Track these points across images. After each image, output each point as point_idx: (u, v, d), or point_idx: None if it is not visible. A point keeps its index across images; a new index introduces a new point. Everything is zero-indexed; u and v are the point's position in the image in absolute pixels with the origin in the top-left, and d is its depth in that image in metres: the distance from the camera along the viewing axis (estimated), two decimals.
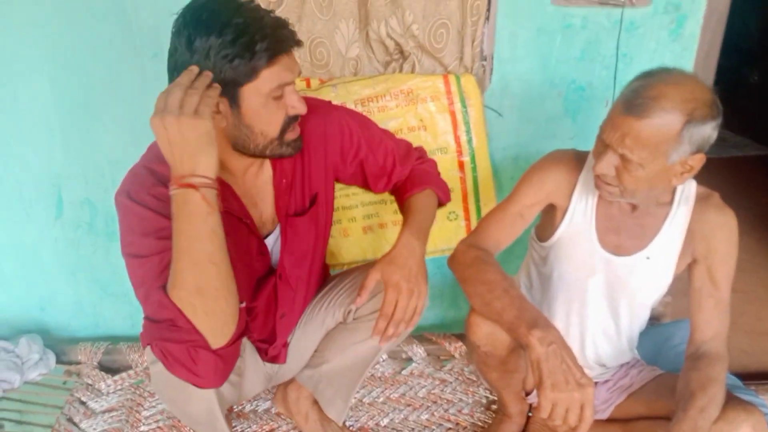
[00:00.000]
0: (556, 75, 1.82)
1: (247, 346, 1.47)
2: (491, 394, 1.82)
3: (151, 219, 1.15)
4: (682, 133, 1.13)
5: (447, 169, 1.82)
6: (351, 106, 1.73)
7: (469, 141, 1.81)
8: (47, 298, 1.95)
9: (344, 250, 1.86)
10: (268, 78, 1.11)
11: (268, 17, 1.12)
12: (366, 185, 1.51)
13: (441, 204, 1.53)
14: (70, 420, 1.66)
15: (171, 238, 1.14)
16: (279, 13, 1.65)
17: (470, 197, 1.86)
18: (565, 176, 1.40)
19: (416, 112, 1.77)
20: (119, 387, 1.79)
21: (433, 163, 1.54)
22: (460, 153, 1.81)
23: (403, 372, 1.91)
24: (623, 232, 1.37)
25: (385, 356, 1.94)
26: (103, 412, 1.72)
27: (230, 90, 1.11)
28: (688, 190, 1.35)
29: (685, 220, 1.34)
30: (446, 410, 1.77)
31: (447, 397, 1.82)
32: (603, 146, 1.22)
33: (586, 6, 1.74)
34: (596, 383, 1.57)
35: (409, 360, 1.95)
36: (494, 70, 1.81)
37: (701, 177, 1.32)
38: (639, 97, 1.14)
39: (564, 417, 1.10)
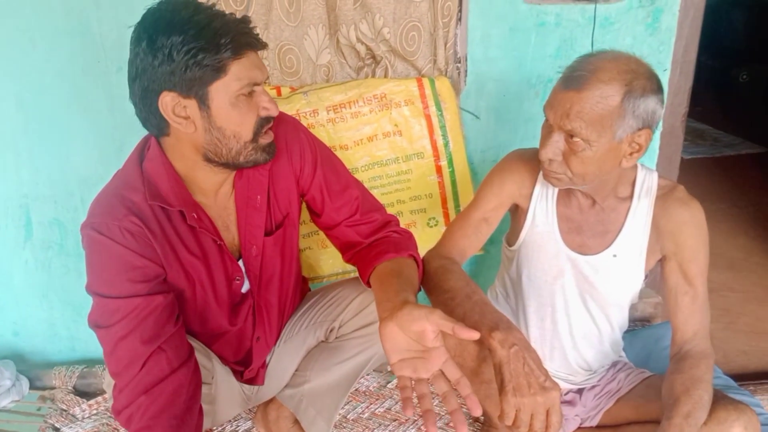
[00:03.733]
0: (533, 74, 1.79)
1: (219, 371, 1.42)
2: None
3: (122, 256, 1.12)
4: (624, 104, 1.12)
5: (424, 174, 1.78)
6: (323, 113, 1.69)
7: (446, 145, 1.77)
8: (20, 323, 1.90)
9: (323, 262, 1.81)
10: (237, 73, 1.08)
11: (228, 15, 1.10)
12: (321, 223, 1.40)
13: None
14: None
15: (146, 282, 1.12)
16: None
17: (449, 202, 1.81)
18: (524, 176, 1.38)
19: (391, 117, 1.73)
20: (94, 411, 1.73)
21: (412, 235, 1.38)
22: (437, 157, 1.77)
23: (389, 385, 1.84)
24: (586, 231, 1.35)
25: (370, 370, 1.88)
26: None
27: (198, 90, 1.07)
28: (649, 182, 1.32)
29: (648, 213, 1.31)
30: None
31: (437, 411, 1.75)
32: (547, 129, 1.21)
33: (559, 3, 1.71)
34: (583, 389, 1.52)
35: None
36: (469, 71, 1.77)
37: (696, 176, 1.29)
38: (576, 71, 1.15)
39: (529, 424, 1.03)
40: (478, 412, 0.98)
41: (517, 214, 1.44)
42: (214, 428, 1.69)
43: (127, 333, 1.07)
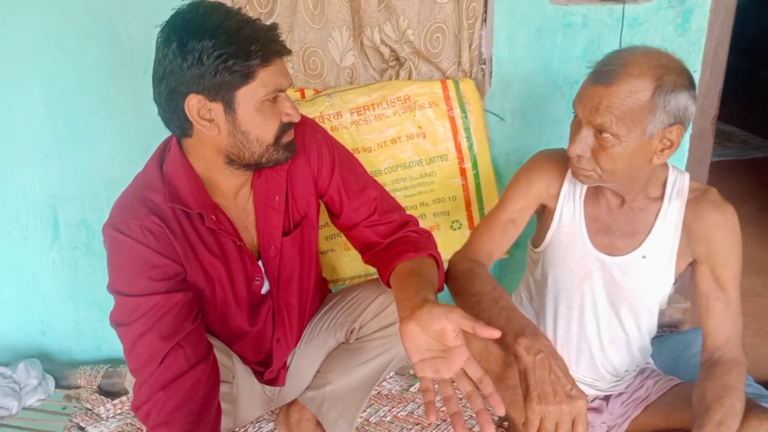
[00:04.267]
0: (559, 75, 1.76)
1: (240, 370, 1.42)
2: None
3: (142, 255, 1.13)
4: (654, 99, 1.10)
5: (448, 176, 1.77)
6: (346, 115, 1.68)
7: (470, 147, 1.75)
8: (47, 322, 1.92)
9: (345, 264, 1.80)
10: (264, 80, 1.09)
11: (258, 21, 1.11)
12: (340, 224, 1.40)
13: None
14: None
15: (166, 280, 1.13)
16: (270, 22, 1.65)
17: (473, 205, 1.79)
18: (551, 176, 1.36)
19: (414, 119, 1.72)
20: (119, 411, 1.74)
21: (430, 235, 1.37)
22: (461, 160, 1.76)
23: (411, 389, 1.83)
24: (614, 231, 1.32)
25: (392, 373, 1.87)
26: None
27: (225, 94, 1.08)
28: (681, 183, 1.29)
29: (679, 215, 1.28)
30: None
31: (448, 417, 1.74)
32: (576, 125, 1.19)
33: (586, 3, 1.69)
34: (610, 396, 1.49)
35: (416, 376, 1.87)
36: (494, 73, 1.75)
37: (723, 179, 1.26)
38: (606, 65, 1.13)
39: None
40: (501, 411, 0.96)
41: (543, 215, 1.43)
42: (237, 429, 1.70)
43: (146, 330, 1.08)
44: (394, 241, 1.32)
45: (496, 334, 0.97)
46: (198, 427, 1.05)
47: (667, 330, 1.89)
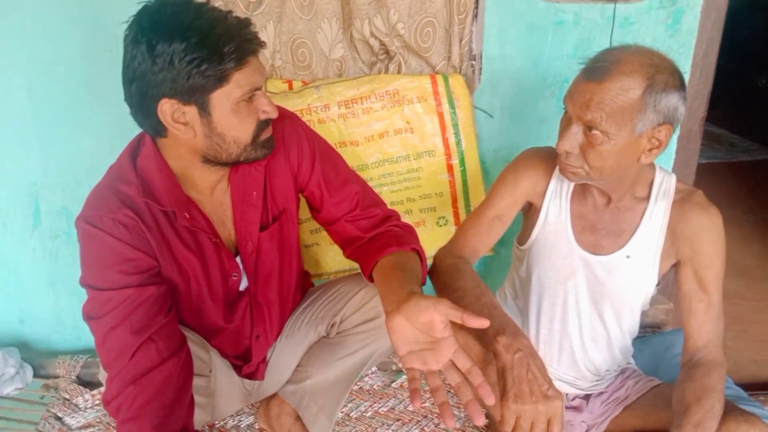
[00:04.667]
0: (549, 73, 1.76)
1: (218, 364, 1.41)
2: (483, 407, 1.74)
3: (115, 248, 1.11)
4: (645, 98, 1.10)
5: (435, 172, 1.76)
6: (334, 108, 1.67)
7: (458, 143, 1.74)
8: (26, 311, 1.90)
9: (330, 258, 1.79)
10: (239, 81, 1.06)
11: (230, 17, 1.06)
12: (321, 219, 1.39)
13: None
14: None
15: (138, 274, 1.11)
16: (259, 13, 1.64)
17: (460, 201, 1.79)
18: (538, 173, 1.37)
19: (403, 114, 1.70)
20: (97, 402, 1.72)
21: (412, 229, 1.36)
22: (448, 156, 1.75)
23: (393, 384, 1.83)
24: (600, 230, 1.32)
25: (374, 368, 1.86)
26: (80, 428, 1.65)
27: (199, 98, 1.05)
28: (667, 184, 1.30)
29: (664, 216, 1.29)
30: (437, 425, 1.68)
31: (436, 410, 1.73)
32: (566, 121, 1.19)
33: (578, 2, 1.68)
34: (590, 395, 1.49)
35: (399, 372, 1.87)
36: (483, 69, 1.74)
37: (711, 181, 1.27)
38: (598, 62, 1.13)
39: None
40: (491, 401, 0.96)
41: (529, 213, 1.42)
42: (216, 422, 1.69)
43: (117, 323, 1.06)
44: (376, 236, 1.31)
45: (485, 323, 0.97)
46: (169, 421, 1.03)
47: (649, 331, 1.90)
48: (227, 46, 1.02)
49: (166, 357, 1.08)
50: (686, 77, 1.77)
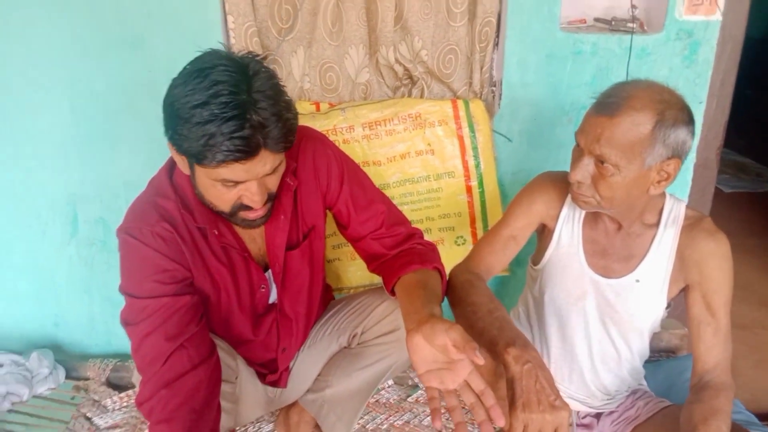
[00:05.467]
0: (567, 101, 1.81)
1: (243, 371, 1.47)
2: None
3: (152, 259, 1.18)
4: (654, 133, 1.14)
5: (455, 193, 1.82)
6: (359, 129, 1.74)
7: (477, 165, 1.80)
8: (61, 315, 1.99)
9: (351, 273, 1.85)
10: (217, 172, 1.06)
11: (256, 113, 1.02)
12: (348, 235, 1.44)
13: None
14: None
15: (173, 283, 1.18)
16: (290, 39, 1.72)
17: (478, 222, 1.84)
18: (553, 197, 1.41)
19: (424, 136, 1.77)
20: (125, 404, 1.80)
21: (434, 248, 1.40)
22: (467, 177, 1.81)
23: (409, 399, 1.87)
24: (611, 255, 1.37)
25: (390, 382, 1.91)
26: (108, 428, 1.72)
27: (188, 158, 1.08)
28: (677, 211, 1.34)
29: (673, 242, 1.33)
30: None
31: (452, 426, 1.77)
32: (578, 153, 1.24)
33: (596, 32, 1.74)
34: (601, 414, 1.52)
35: (416, 387, 1.91)
36: (503, 95, 1.81)
37: (736, 210, 1.30)
38: (610, 97, 1.18)
39: None
40: (501, 423, 1.01)
41: (543, 234, 1.47)
42: (237, 428, 1.74)
43: (152, 330, 1.13)
44: (400, 253, 1.37)
45: (480, 362, 1.00)
46: (199, 425, 1.09)
47: (663, 355, 1.92)
48: (211, 151, 1.01)
49: (197, 363, 1.14)
50: (702, 107, 1.82)
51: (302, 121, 1.66)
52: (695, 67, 1.77)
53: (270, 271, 1.36)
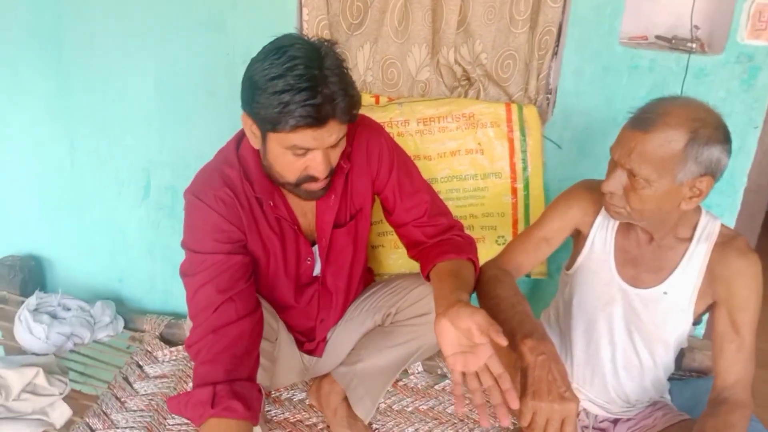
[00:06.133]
0: (620, 113, 1.81)
1: (283, 335, 1.57)
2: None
3: (212, 219, 1.30)
4: (687, 150, 1.17)
5: (500, 193, 1.88)
6: (413, 123, 1.83)
7: (524, 169, 1.86)
8: (126, 272, 2.17)
9: (392, 261, 1.94)
10: (289, 138, 1.16)
11: (326, 86, 1.12)
12: (392, 221, 1.53)
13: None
14: (125, 379, 1.83)
15: (228, 243, 1.29)
16: (359, 34, 1.84)
17: (520, 223, 1.90)
18: (589, 204, 1.45)
19: (475, 136, 1.84)
20: (173, 357, 1.94)
21: (474, 241, 1.48)
22: (514, 179, 1.87)
23: (436, 386, 1.93)
24: (641, 265, 1.39)
25: (420, 369, 1.98)
26: (156, 377, 1.87)
27: (260, 127, 1.19)
28: (711, 228, 1.35)
29: (704, 258, 1.34)
30: (471, 430, 1.78)
31: (475, 417, 1.83)
32: (612, 165, 1.28)
33: (655, 49, 1.77)
34: (618, 420, 1.55)
35: (444, 377, 1.98)
36: (557, 102, 1.86)
37: None
38: (646, 113, 1.21)
39: (544, 428, 1.10)
40: (515, 405, 1.09)
41: (578, 240, 1.52)
42: (272, 392, 1.86)
43: (206, 282, 1.25)
44: (439, 242, 1.45)
45: (504, 342, 1.08)
46: (238, 369, 1.19)
47: (695, 375, 1.91)
48: (285, 115, 1.11)
49: (242, 315, 1.25)
50: (758, 132, 1.81)
51: (361, 112, 1.78)
52: (753, 92, 1.77)
53: (317, 246, 1.47)
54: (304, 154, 1.20)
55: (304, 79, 1.11)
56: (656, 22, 1.85)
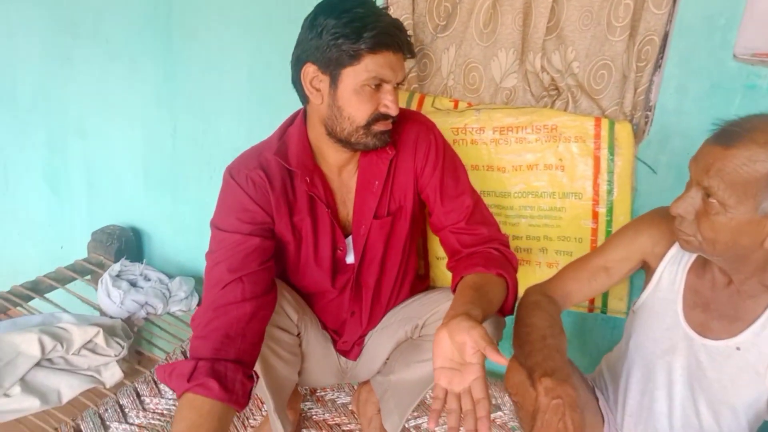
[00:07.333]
0: None
1: (314, 332, 1.54)
2: None
3: (239, 198, 1.31)
4: None
5: (579, 216, 1.71)
6: (489, 132, 1.72)
7: (610, 191, 1.67)
8: None
9: (448, 277, 1.83)
10: (368, 65, 1.19)
11: (386, 16, 1.22)
12: (432, 225, 1.47)
13: (501, 311, 1.32)
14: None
15: (250, 224, 1.29)
16: (445, 36, 1.78)
17: None
18: (663, 234, 1.26)
19: (556, 151, 1.69)
20: None
21: (515, 259, 1.38)
22: (596, 202, 1.68)
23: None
24: (713, 311, 1.18)
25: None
26: None
27: (333, 70, 1.21)
28: None
29: None
30: None
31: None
32: (688, 184, 1.11)
33: None
34: None
35: (497, 407, 1.84)
36: (654, 121, 1.65)
37: None
38: (732, 127, 1.03)
39: None
40: None
41: (647, 276, 1.33)
42: (317, 391, 1.84)
43: (221, 260, 1.26)
44: (474, 253, 1.35)
45: (502, 361, 0.99)
46: (227, 348, 1.17)
47: None
48: (367, 32, 1.16)
49: (248, 298, 1.24)
50: None
51: (437, 117, 1.72)
52: None
53: (350, 237, 1.43)
54: (378, 87, 1.23)
55: (373, 8, 1.20)
56: None
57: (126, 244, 2.23)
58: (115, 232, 2.22)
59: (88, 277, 2.19)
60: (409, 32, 1.73)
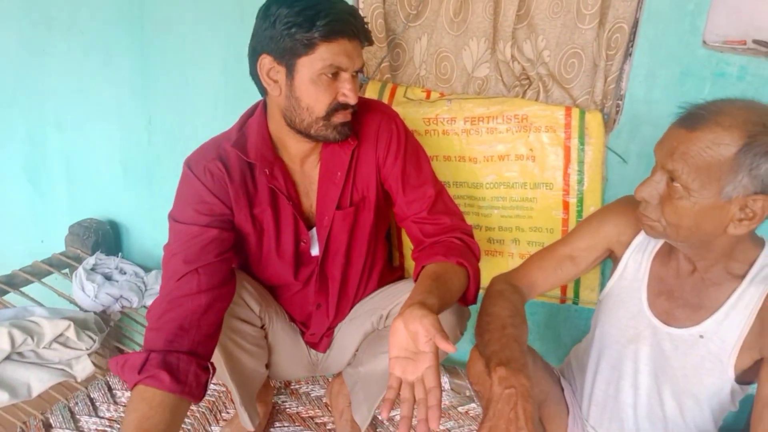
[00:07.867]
0: None
1: (281, 324, 1.53)
2: None
3: (197, 189, 1.30)
4: (739, 157, 0.95)
5: (549, 207, 1.70)
6: (460, 122, 1.71)
7: (580, 181, 1.66)
8: None
9: None
10: (323, 53, 1.18)
11: (342, 3, 1.20)
12: (396, 215, 1.46)
13: (464, 300, 1.33)
14: None
15: (208, 216, 1.28)
16: (417, 26, 1.76)
17: None
18: (628, 222, 1.25)
19: (527, 141, 1.68)
20: None
21: (477, 248, 1.38)
22: (566, 192, 1.67)
23: (460, 408, 1.80)
24: (677, 299, 1.17)
25: (447, 386, 1.85)
26: None
27: (289, 60, 1.20)
28: None
29: (756, 303, 1.09)
30: None
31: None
32: (653, 169, 1.09)
33: (748, 54, 1.49)
34: None
35: (471, 400, 1.83)
36: (624, 110, 1.63)
37: None
38: (697, 110, 1.01)
39: None
40: (433, 425, 0.98)
41: (614, 264, 1.32)
42: (292, 383, 1.84)
43: (177, 251, 1.25)
44: (436, 242, 1.34)
45: (450, 349, 0.99)
46: (180, 340, 1.17)
47: None
48: (320, 19, 1.15)
49: (203, 289, 1.23)
50: None
51: (408, 107, 1.71)
52: None
53: (314, 229, 1.42)
54: (335, 76, 1.21)
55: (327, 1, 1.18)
56: (759, 26, 1.56)
57: (103, 237, 2.23)
58: (92, 226, 2.21)
59: (66, 270, 2.18)
60: (381, 21, 1.73)
